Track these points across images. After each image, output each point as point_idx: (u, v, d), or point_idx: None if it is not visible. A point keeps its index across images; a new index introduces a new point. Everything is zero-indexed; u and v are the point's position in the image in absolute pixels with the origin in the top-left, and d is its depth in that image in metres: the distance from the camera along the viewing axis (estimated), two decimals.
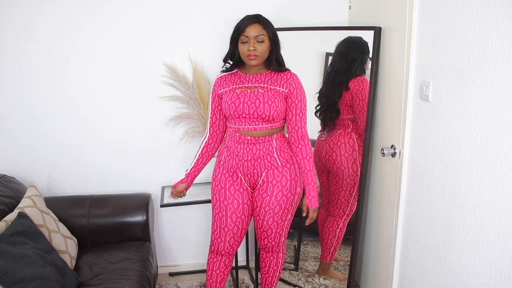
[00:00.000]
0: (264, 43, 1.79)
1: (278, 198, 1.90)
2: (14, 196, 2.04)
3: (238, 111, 1.84)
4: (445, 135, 1.55)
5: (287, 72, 1.88)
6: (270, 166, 1.89)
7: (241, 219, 1.94)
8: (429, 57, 1.63)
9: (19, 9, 2.26)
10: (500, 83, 1.25)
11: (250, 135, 1.87)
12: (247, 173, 1.92)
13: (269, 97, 1.82)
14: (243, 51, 1.80)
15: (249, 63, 1.83)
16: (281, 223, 1.96)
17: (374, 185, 2.25)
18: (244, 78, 1.88)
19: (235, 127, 1.89)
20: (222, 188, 1.94)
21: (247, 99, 1.83)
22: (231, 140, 1.92)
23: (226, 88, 1.89)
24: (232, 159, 1.92)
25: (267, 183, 1.90)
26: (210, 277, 2.03)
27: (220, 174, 1.96)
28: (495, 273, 1.33)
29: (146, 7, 2.36)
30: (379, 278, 2.20)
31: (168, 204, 2.35)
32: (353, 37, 2.21)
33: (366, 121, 2.15)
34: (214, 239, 1.99)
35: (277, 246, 2.04)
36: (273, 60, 1.85)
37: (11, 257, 1.58)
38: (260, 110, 1.82)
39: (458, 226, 1.49)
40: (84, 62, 2.38)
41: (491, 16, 1.27)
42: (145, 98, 2.45)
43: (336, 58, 2.27)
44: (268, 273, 2.12)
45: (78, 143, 2.46)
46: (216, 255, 2.01)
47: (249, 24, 1.78)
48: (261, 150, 1.87)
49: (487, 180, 1.34)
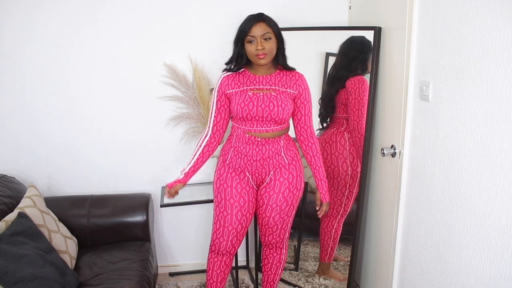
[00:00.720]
0: (271, 40, 1.80)
1: (285, 195, 1.93)
2: (14, 196, 2.04)
3: (251, 114, 1.83)
4: (445, 135, 1.55)
5: (295, 72, 1.90)
6: (278, 165, 1.92)
7: (245, 217, 1.95)
8: (429, 57, 1.63)
9: (19, 9, 2.26)
10: (500, 83, 1.25)
11: (261, 136, 1.87)
12: (255, 172, 1.93)
13: (282, 100, 1.83)
14: (251, 51, 1.79)
15: (258, 63, 1.82)
16: (286, 219, 1.98)
17: (374, 185, 2.25)
18: (254, 79, 1.87)
19: (245, 128, 1.88)
20: (228, 187, 1.93)
21: (261, 102, 1.83)
22: (238, 141, 1.91)
23: (236, 89, 1.87)
24: (240, 158, 1.92)
25: (274, 181, 1.92)
26: (211, 277, 2.03)
27: (226, 173, 1.95)
28: (495, 273, 1.33)
29: (146, 7, 2.36)
30: (379, 278, 2.20)
31: (168, 204, 2.34)
32: (356, 36, 2.22)
33: (366, 121, 2.15)
34: (215, 239, 1.98)
35: (281, 242, 2.05)
36: (280, 58, 1.86)
37: (11, 257, 1.58)
38: (274, 114, 1.82)
39: (458, 226, 1.49)
40: (84, 62, 2.38)
41: (491, 16, 1.27)
42: (145, 98, 2.45)
43: (338, 57, 2.28)
44: (270, 270, 2.12)
45: (78, 143, 2.46)
46: (216, 255, 2.00)
47: (254, 24, 1.78)
48: (270, 150, 1.89)
49: (487, 180, 1.34)
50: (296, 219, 2.47)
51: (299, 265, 2.55)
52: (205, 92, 2.41)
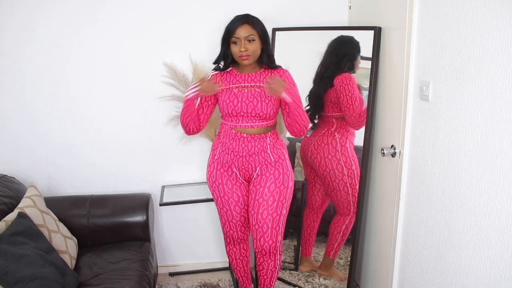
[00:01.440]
0: (255, 42, 1.87)
1: (271, 189, 1.95)
2: (14, 196, 2.04)
3: (236, 109, 1.90)
4: (445, 135, 1.55)
5: (279, 69, 1.97)
6: (264, 162, 1.96)
7: (244, 210, 2.03)
8: (429, 57, 1.63)
9: (19, 9, 2.26)
10: (500, 83, 1.25)
11: (246, 132, 1.93)
12: (241, 168, 1.98)
13: (266, 96, 1.90)
14: (235, 52, 1.88)
15: (242, 63, 1.91)
16: (276, 217, 1.96)
17: (374, 185, 2.25)
18: (240, 77, 1.95)
19: (231, 124, 1.95)
20: (220, 184, 2.01)
21: (245, 98, 1.90)
22: (226, 137, 1.97)
23: (223, 87, 1.94)
24: (227, 154, 1.98)
25: (261, 176, 1.97)
26: (236, 265, 2.17)
27: (215, 170, 2.02)
28: (495, 273, 1.33)
29: (146, 7, 2.36)
30: (379, 278, 2.20)
31: (167, 203, 2.35)
32: (344, 36, 2.25)
33: (366, 121, 2.15)
34: (226, 232, 2.11)
35: (274, 248, 2.00)
36: (264, 58, 1.93)
37: (11, 257, 1.58)
38: (258, 109, 1.89)
39: (458, 226, 1.49)
40: (84, 62, 2.38)
41: (491, 16, 1.27)
42: (145, 98, 2.45)
43: (326, 55, 2.29)
44: (266, 275, 2.11)
45: (78, 143, 2.46)
46: (233, 245, 2.13)
47: (238, 25, 1.85)
48: (256, 147, 1.94)
49: (487, 180, 1.34)
50: (295, 219, 2.48)
51: (299, 265, 2.55)
52: None
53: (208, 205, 2.58)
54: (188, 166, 2.58)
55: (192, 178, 2.58)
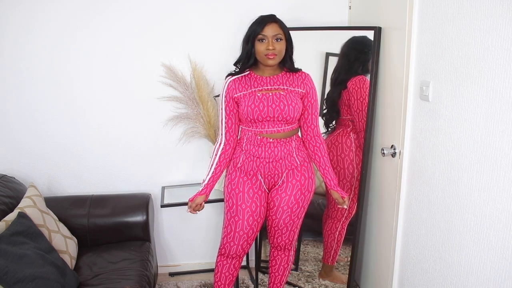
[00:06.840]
0: (282, 42, 1.81)
1: (296, 197, 1.92)
2: (14, 196, 2.04)
3: (262, 114, 1.82)
4: (445, 135, 1.55)
5: (301, 72, 1.91)
6: (290, 166, 1.91)
7: (257, 222, 1.94)
8: (429, 57, 1.63)
9: (19, 9, 2.26)
10: (500, 83, 1.25)
11: (273, 137, 1.86)
12: (267, 175, 1.92)
13: (292, 99, 1.84)
14: (261, 50, 1.79)
15: (266, 63, 1.82)
16: (296, 221, 1.98)
17: (374, 185, 2.25)
18: (261, 81, 1.87)
19: (256, 130, 1.87)
20: (240, 192, 1.91)
21: (271, 102, 1.82)
22: (250, 143, 1.89)
23: (244, 91, 1.86)
24: (252, 161, 1.90)
25: (287, 183, 1.92)
26: (219, 279, 2.02)
27: (237, 178, 1.93)
28: (495, 273, 1.33)
29: (146, 8, 2.36)
30: (379, 278, 2.20)
31: (168, 204, 2.35)
32: (357, 36, 2.22)
33: (366, 121, 2.15)
34: (226, 243, 1.96)
35: (290, 244, 2.04)
36: (287, 60, 1.87)
37: (11, 257, 1.58)
38: (285, 113, 1.82)
39: (458, 226, 1.49)
40: (84, 62, 2.37)
41: (491, 16, 1.27)
42: (145, 98, 2.45)
43: (339, 59, 2.28)
44: (278, 271, 2.11)
45: (78, 143, 2.46)
46: (226, 258, 1.98)
47: (266, 24, 1.79)
48: (282, 151, 1.88)
49: (487, 180, 1.34)
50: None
51: (299, 265, 2.55)
52: (204, 92, 2.41)
53: (208, 205, 2.58)
54: (188, 166, 2.58)
55: (192, 178, 2.58)
